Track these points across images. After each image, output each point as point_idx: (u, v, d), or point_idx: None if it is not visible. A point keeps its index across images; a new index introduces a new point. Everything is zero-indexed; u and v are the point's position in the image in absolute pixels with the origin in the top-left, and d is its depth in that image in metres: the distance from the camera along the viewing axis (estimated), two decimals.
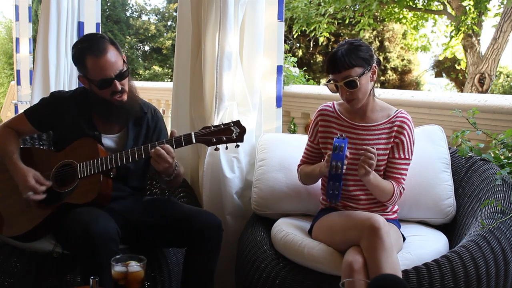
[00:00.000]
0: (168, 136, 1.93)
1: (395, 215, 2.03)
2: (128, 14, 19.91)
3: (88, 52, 1.88)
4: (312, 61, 16.93)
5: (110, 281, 1.46)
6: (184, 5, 2.45)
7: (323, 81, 15.54)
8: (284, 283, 1.80)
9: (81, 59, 1.91)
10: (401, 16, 11.66)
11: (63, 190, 1.91)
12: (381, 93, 3.11)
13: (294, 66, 4.71)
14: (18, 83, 5.34)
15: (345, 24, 12.65)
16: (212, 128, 1.86)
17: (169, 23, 20.16)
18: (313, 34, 11.62)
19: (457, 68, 15.23)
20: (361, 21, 10.82)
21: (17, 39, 5.40)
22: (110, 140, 2.03)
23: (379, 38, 16.91)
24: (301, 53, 16.42)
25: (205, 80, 2.30)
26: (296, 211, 2.21)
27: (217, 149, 1.90)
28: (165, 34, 19.70)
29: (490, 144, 2.36)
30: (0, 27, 17.76)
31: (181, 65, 2.50)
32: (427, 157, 2.15)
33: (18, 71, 5.36)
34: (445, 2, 11.08)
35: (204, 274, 1.91)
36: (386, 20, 12.65)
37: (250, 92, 2.40)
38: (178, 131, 1.92)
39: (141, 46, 20.54)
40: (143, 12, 20.59)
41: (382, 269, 1.58)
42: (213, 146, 1.88)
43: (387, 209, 1.99)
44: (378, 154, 1.90)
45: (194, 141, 1.86)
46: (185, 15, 2.44)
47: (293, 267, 1.85)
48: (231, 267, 2.24)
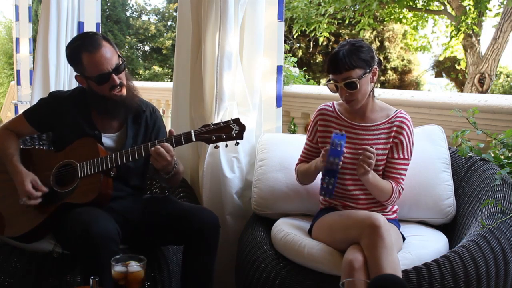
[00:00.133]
0: (167, 135, 1.93)
1: (395, 215, 2.03)
2: (128, 14, 19.91)
3: (83, 49, 1.89)
4: (312, 61, 16.93)
5: (110, 281, 1.46)
6: (184, 5, 2.45)
7: (323, 81, 15.55)
8: (284, 283, 1.80)
9: (77, 57, 1.91)
10: (401, 16, 11.67)
11: (64, 190, 1.91)
12: (381, 93, 3.11)
13: (294, 66, 4.70)
14: (18, 83, 5.34)
15: (345, 24, 12.64)
16: (212, 126, 1.86)
17: (169, 23, 20.16)
18: (313, 34, 11.62)
19: (457, 68, 15.22)
20: (361, 21, 10.82)
21: (17, 39, 5.39)
22: (110, 139, 2.03)
23: (379, 38, 16.90)
24: (301, 53, 16.41)
25: (205, 80, 2.30)
26: (296, 211, 2.21)
27: (217, 147, 1.90)
28: (165, 34, 19.70)
29: (490, 144, 2.36)
30: (0, 27, 17.77)
31: (181, 65, 2.50)
32: (427, 157, 2.15)
33: (18, 71, 5.36)
34: (445, 2, 11.08)
35: (203, 273, 1.91)
36: (386, 20, 12.64)
37: (250, 92, 2.40)
38: (178, 131, 1.92)
39: (141, 46, 20.54)
40: (143, 12, 20.60)
41: (383, 267, 1.58)
42: (213, 144, 1.88)
43: (387, 209, 1.99)
44: (378, 154, 1.90)
45: (194, 139, 1.86)
46: (185, 15, 2.44)
47: (293, 267, 1.85)
48: (231, 267, 2.24)
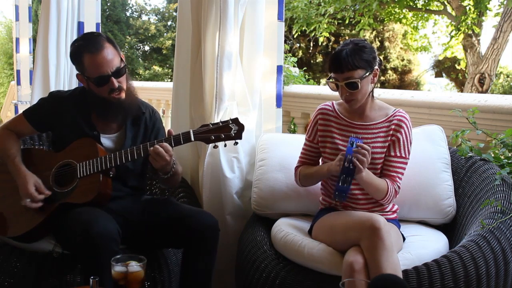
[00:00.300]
0: (166, 136, 1.93)
1: (395, 215, 2.03)
2: (128, 14, 19.91)
3: (85, 50, 1.89)
4: (312, 61, 16.92)
5: (110, 281, 1.46)
6: (184, 5, 2.45)
7: (323, 81, 15.54)
8: (284, 283, 1.80)
9: (78, 57, 1.92)
10: (401, 16, 11.67)
11: (63, 190, 1.91)
12: (381, 93, 3.11)
13: (294, 66, 4.70)
14: (18, 83, 5.34)
15: (345, 24, 12.64)
16: (211, 126, 1.86)
17: (169, 23, 20.16)
18: (313, 34, 11.62)
19: (457, 68, 15.22)
20: (361, 21, 10.82)
21: (17, 39, 5.39)
22: (109, 140, 2.03)
23: (379, 38, 16.89)
24: (301, 53, 16.41)
25: (205, 80, 2.30)
26: (296, 211, 2.21)
27: (216, 147, 1.90)
28: (165, 34, 19.70)
29: (490, 144, 2.36)
30: (0, 27, 17.76)
31: (181, 65, 2.50)
32: (427, 157, 2.15)
33: (18, 71, 5.36)
34: (445, 2, 11.08)
35: (202, 275, 1.91)
36: (386, 20, 12.64)
37: (250, 92, 2.40)
38: (178, 131, 1.92)
39: (141, 46, 20.54)
40: (143, 12, 20.60)
41: (383, 269, 1.58)
42: (212, 144, 1.88)
43: (387, 209, 1.99)
44: (376, 153, 1.91)
45: (193, 139, 1.86)
46: (185, 15, 2.44)
47: (293, 267, 1.85)
48: (231, 267, 2.24)
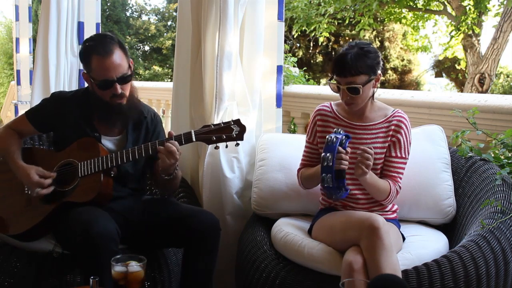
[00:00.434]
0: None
1: (395, 215, 2.03)
2: (128, 14, 19.90)
3: (94, 51, 1.88)
4: (312, 61, 16.92)
5: (110, 281, 1.46)
6: (184, 5, 2.45)
7: (323, 81, 15.55)
8: (284, 283, 1.80)
9: (87, 57, 1.91)
10: (401, 16, 11.66)
11: (64, 189, 1.91)
12: (381, 93, 3.11)
13: (294, 66, 4.70)
14: (18, 83, 5.34)
15: (345, 24, 12.63)
16: (212, 127, 1.86)
17: (169, 23, 20.16)
18: (313, 34, 11.61)
19: (457, 68, 15.21)
20: (361, 21, 10.81)
21: (17, 39, 5.40)
22: (110, 142, 2.03)
23: (379, 38, 16.89)
24: (301, 53, 16.41)
25: (205, 80, 2.30)
26: (296, 211, 2.21)
27: (217, 148, 1.90)
28: (165, 34, 19.70)
29: (490, 144, 2.36)
30: (0, 27, 17.75)
31: (181, 65, 2.50)
32: (427, 157, 2.15)
33: (18, 71, 5.36)
34: (445, 2, 11.08)
35: (203, 274, 1.91)
36: (386, 20, 12.64)
37: (250, 92, 2.40)
38: (178, 131, 1.92)
39: (141, 46, 20.54)
40: (143, 12, 20.60)
41: (382, 269, 1.58)
42: (213, 145, 1.88)
43: (387, 209, 2.00)
44: (376, 153, 1.90)
45: (194, 139, 1.86)
46: (185, 15, 2.44)
47: (293, 267, 1.85)
48: (231, 267, 2.24)
